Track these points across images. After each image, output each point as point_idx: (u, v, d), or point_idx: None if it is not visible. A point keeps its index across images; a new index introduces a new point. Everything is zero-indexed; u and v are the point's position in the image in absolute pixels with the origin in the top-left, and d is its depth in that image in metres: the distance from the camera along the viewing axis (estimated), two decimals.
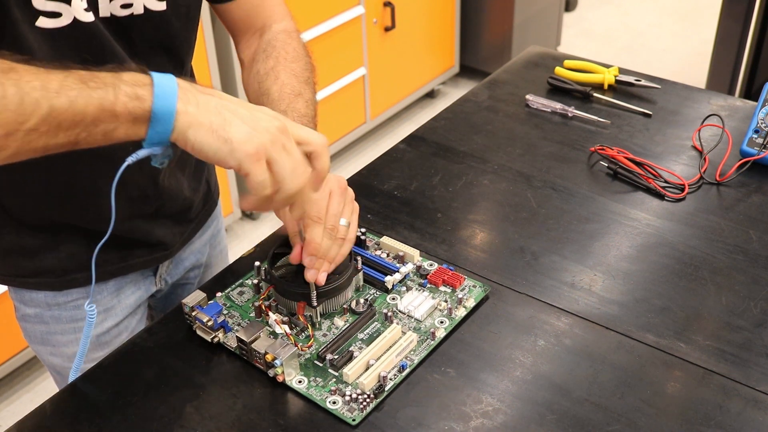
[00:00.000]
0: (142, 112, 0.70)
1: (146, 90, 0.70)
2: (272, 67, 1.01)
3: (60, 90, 0.67)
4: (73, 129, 0.68)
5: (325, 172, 0.79)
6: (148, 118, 0.70)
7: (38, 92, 0.67)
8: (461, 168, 1.19)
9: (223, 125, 0.71)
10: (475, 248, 1.03)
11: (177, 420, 0.81)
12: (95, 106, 0.68)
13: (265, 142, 0.72)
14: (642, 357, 0.86)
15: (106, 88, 0.69)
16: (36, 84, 0.67)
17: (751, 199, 1.09)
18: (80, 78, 0.69)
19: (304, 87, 1.00)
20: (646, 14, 4.04)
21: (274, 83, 0.99)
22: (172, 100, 0.70)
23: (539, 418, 0.79)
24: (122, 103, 0.69)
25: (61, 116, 0.67)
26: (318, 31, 2.55)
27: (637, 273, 0.98)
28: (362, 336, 0.88)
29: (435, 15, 3.09)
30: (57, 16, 0.82)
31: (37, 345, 1.09)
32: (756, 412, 0.79)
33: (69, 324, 1.05)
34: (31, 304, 1.04)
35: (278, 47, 1.03)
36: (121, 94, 0.69)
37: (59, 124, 0.68)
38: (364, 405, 0.80)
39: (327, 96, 2.70)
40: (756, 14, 2.32)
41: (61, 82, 0.68)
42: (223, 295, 0.95)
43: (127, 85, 0.69)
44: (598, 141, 1.22)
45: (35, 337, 1.08)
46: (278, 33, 1.05)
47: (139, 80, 0.70)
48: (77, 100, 0.68)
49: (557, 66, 1.40)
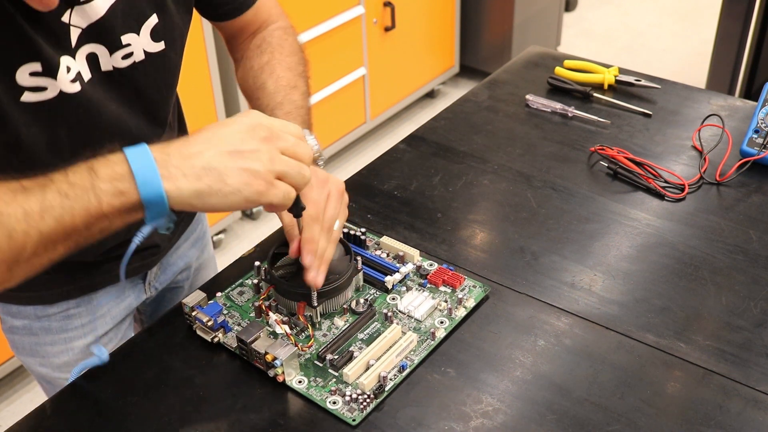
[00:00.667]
0: (131, 204, 0.69)
1: (127, 182, 0.68)
2: (267, 62, 1.01)
3: (43, 212, 0.66)
4: (68, 240, 0.68)
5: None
6: (139, 206, 0.69)
7: (23, 223, 0.66)
8: (461, 168, 1.19)
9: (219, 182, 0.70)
10: (475, 248, 1.03)
11: (177, 420, 0.81)
12: (82, 216, 0.68)
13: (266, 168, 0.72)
14: (642, 357, 0.86)
15: (86, 195, 0.68)
16: (18, 214, 0.66)
17: (751, 199, 1.09)
18: (59, 191, 0.67)
19: (298, 80, 1.01)
20: (646, 14, 4.04)
21: (269, 77, 1.00)
22: (156, 183, 0.69)
23: (539, 418, 0.79)
24: (107, 204, 0.68)
25: (53, 236, 0.67)
26: (318, 31, 2.55)
27: (637, 273, 0.98)
28: (362, 336, 0.88)
29: (435, 15, 3.09)
30: (42, 90, 0.80)
31: (25, 356, 1.07)
32: (756, 412, 0.79)
33: (59, 335, 1.04)
34: (19, 316, 1.03)
35: (273, 43, 1.04)
36: (102, 195, 0.68)
37: (54, 242, 0.68)
38: (364, 405, 0.80)
39: (327, 96, 2.70)
40: (756, 14, 2.32)
41: (41, 203, 0.67)
42: (223, 295, 0.94)
43: (105, 182, 0.68)
44: (598, 141, 1.22)
45: (23, 348, 1.06)
46: (274, 30, 1.06)
47: (116, 172, 0.68)
48: (63, 216, 0.67)
49: (557, 66, 1.40)
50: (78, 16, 0.80)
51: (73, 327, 1.04)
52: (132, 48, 0.87)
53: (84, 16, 0.81)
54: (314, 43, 2.56)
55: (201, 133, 0.74)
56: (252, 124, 0.75)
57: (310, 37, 2.52)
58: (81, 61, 0.83)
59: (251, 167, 0.72)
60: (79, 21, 0.81)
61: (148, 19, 0.87)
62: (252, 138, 0.73)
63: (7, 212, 0.66)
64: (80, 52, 0.82)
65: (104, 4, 0.82)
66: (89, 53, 0.83)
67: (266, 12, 1.06)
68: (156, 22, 0.88)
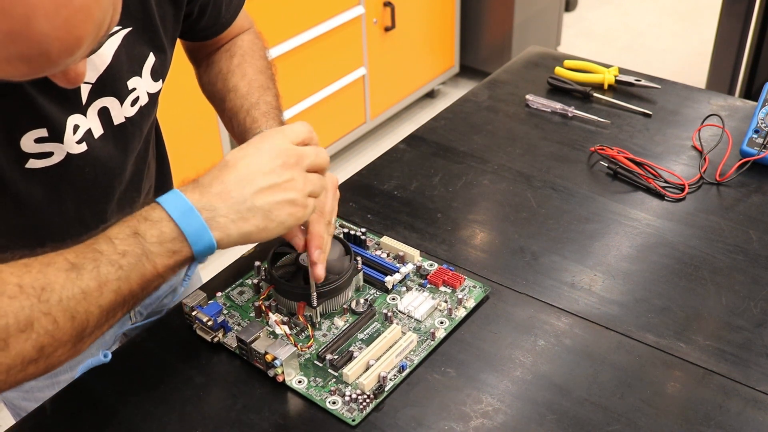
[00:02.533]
0: (184, 260, 0.70)
1: (179, 243, 0.69)
2: (238, 65, 1.01)
3: (101, 288, 0.66)
4: (127, 305, 0.68)
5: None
6: (192, 260, 0.70)
7: (83, 303, 0.65)
8: (461, 168, 1.19)
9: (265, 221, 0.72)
10: (475, 248, 1.03)
11: (177, 420, 0.81)
12: (139, 282, 0.68)
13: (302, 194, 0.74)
14: (642, 357, 0.86)
15: (140, 262, 0.67)
16: (77, 295, 0.65)
17: (751, 199, 1.09)
18: (111, 263, 0.66)
19: (270, 83, 1.01)
20: (646, 14, 4.04)
21: (241, 79, 0.99)
22: (207, 238, 0.70)
23: (539, 418, 0.79)
24: (162, 265, 0.68)
25: (113, 306, 0.67)
26: (318, 31, 2.55)
27: (637, 273, 0.98)
28: (362, 336, 0.88)
29: (435, 15, 3.09)
30: (48, 156, 0.79)
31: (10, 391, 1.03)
32: (756, 412, 0.79)
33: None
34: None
35: (243, 47, 1.04)
36: (156, 258, 0.68)
37: (114, 311, 0.67)
38: (364, 405, 0.80)
39: (327, 96, 2.70)
40: (756, 14, 2.32)
41: (97, 280, 0.66)
42: (223, 295, 0.95)
43: (155, 245, 0.68)
44: (598, 141, 1.22)
45: None
46: (244, 35, 1.06)
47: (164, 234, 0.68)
48: (121, 288, 0.67)
49: (557, 66, 1.40)
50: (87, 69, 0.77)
51: None
52: (138, 92, 0.86)
53: (93, 69, 0.79)
54: (314, 43, 2.56)
55: (232, 169, 0.74)
56: (279, 151, 0.76)
57: (310, 37, 2.52)
58: (93, 118, 0.81)
59: (291, 198, 0.74)
60: (89, 76, 0.79)
61: (147, 58, 0.86)
62: (284, 167, 0.75)
63: (66, 296, 0.64)
64: (91, 108, 0.81)
65: (109, 50, 0.80)
66: (101, 108, 0.82)
67: (239, 27, 1.05)
68: (154, 60, 0.87)
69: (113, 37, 0.81)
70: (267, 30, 2.70)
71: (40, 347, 0.63)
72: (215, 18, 0.99)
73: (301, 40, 2.49)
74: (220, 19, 1.00)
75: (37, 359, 0.64)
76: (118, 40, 0.82)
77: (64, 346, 0.65)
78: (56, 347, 0.64)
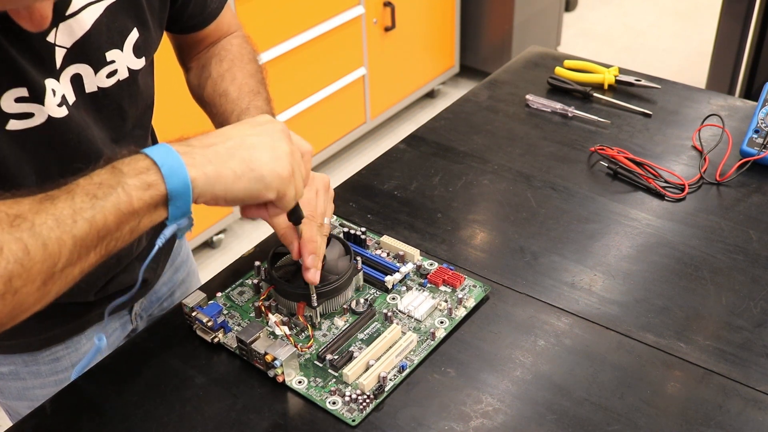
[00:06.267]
0: (159, 198, 0.68)
1: (153, 174, 0.68)
2: (228, 69, 1.01)
3: (74, 216, 0.65)
4: (101, 244, 0.67)
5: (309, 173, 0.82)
6: (166, 200, 0.69)
7: (56, 231, 0.64)
8: (461, 168, 1.19)
9: (246, 166, 0.71)
10: (475, 248, 1.03)
11: (177, 420, 0.81)
12: (114, 215, 0.66)
13: (290, 161, 0.73)
14: (642, 357, 0.86)
15: (115, 192, 0.66)
16: (50, 222, 0.64)
17: (751, 199, 1.09)
18: (87, 193, 0.66)
19: (260, 87, 1.01)
20: (646, 14, 4.04)
21: (231, 83, 0.99)
22: (182, 172, 0.69)
23: (539, 418, 0.79)
24: (137, 199, 0.67)
25: (86, 240, 0.65)
26: (318, 31, 2.55)
27: (637, 273, 0.98)
28: (362, 336, 0.88)
29: (435, 15, 3.09)
30: (29, 117, 0.78)
31: (12, 401, 1.05)
32: (756, 412, 0.79)
33: (49, 377, 1.02)
34: (5, 362, 1.00)
35: (233, 51, 1.04)
36: (131, 189, 0.67)
37: (87, 248, 0.66)
38: (364, 405, 0.80)
39: (327, 96, 2.70)
40: (756, 14, 2.32)
41: (71, 207, 0.65)
42: (223, 295, 0.95)
43: (131, 177, 0.67)
44: (598, 141, 1.22)
45: (10, 393, 1.04)
46: (232, 38, 1.06)
47: (140, 166, 0.68)
48: (95, 217, 0.65)
49: (557, 66, 1.40)
50: (63, 34, 0.78)
51: (63, 368, 1.02)
52: (116, 65, 0.85)
53: (70, 34, 0.79)
54: (314, 43, 2.56)
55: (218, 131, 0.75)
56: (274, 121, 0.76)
57: (310, 37, 2.52)
58: (65, 83, 0.81)
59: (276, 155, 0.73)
60: (64, 40, 0.79)
61: (130, 33, 0.86)
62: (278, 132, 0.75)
63: (38, 222, 0.63)
64: (64, 74, 0.80)
65: (89, 17, 0.80)
66: (73, 74, 0.81)
67: (226, 24, 1.05)
68: (137, 36, 0.87)
69: (95, 6, 0.81)
70: (267, 30, 2.69)
71: (9, 278, 0.61)
72: (202, 6, 0.99)
73: (301, 40, 2.49)
74: (206, 8, 1.00)
75: (4, 294, 0.61)
76: (100, 10, 0.81)
77: (33, 282, 0.63)
78: (25, 281, 0.62)
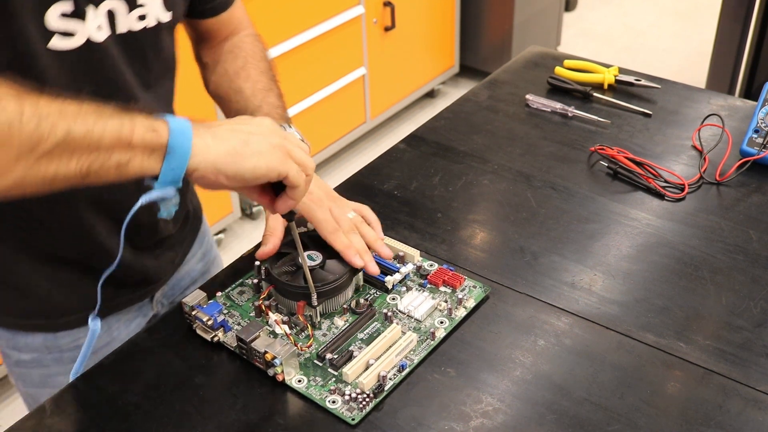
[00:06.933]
0: (158, 144, 0.70)
1: (162, 124, 0.71)
2: (242, 66, 1.05)
3: (78, 116, 0.67)
4: (87, 157, 0.68)
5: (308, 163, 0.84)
6: (164, 150, 0.70)
7: (55, 116, 0.66)
8: (461, 168, 1.19)
9: (244, 144, 0.74)
10: (475, 248, 1.03)
11: (177, 420, 0.81)
12: (112, 135, 0.68)
13: (282, 142, 0.77)
14: (642, 357, 0.86)
15: (122, 119, 0.69)
16: (53, 108, 0.66)
17: (751, 199, 1.09)
18: (97, 109, 0.69)
19: (272, 83, 1.05)
20: (646, 14, 4.05)
21: (245, 81, 1.03)
22: (187, 133, 0.72)
23: (539, 418, 0.79)
24: (139, 134, 0.69)
25: (77, 142, 0.67)
26: (318, 31, 2.55)
27: (637, 273, 0.98)
28: (362, 336, 0.88)
29: (435, 15, 3.09)
30: (70, 36, 0.81)
31: (34, 389, 1.06)
32: (756, 412, 0.79)
33: (70, 365, 1.01)
34: (26, 349, 1.02)
35: (246, 48, 1.07)
36: (137, 126, 0.69)
37: (73, 151, 0.67)
38: (364, 404, 0.80)
39: (327, 96, 2.70)
40: (756, 14, 2.32)
41: (78, 109, 0.68)
42: (223, 295, 0.95)
43: (140, 118, 0.70)
44: (598, 141, 1.22)
45: (32, 381, 1.05)
46: (244, 37, 1.10)
47: (152, 118, 0.71)
48: (94, 127, 0.67)
49: (557, 66, 1.40)
50: None
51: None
52: (147, 10, 0.88)
53: None
54: (314, 43, 2.56)
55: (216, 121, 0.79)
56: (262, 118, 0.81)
57: (310, 37, 2.52)
58: (102, 16, 0.84)
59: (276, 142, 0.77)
60: None
61: None
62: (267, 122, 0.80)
63: (44, 104, 0.66)
64: (102, 5, 0.83)
65: None
66: (109, 9, 0.84)
67: (237, 19, 1.09)
68: None
69: None
70: (267, 30, 2.70)
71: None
72: None
73: (301, 40, 2.49)
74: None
75: None
76: None
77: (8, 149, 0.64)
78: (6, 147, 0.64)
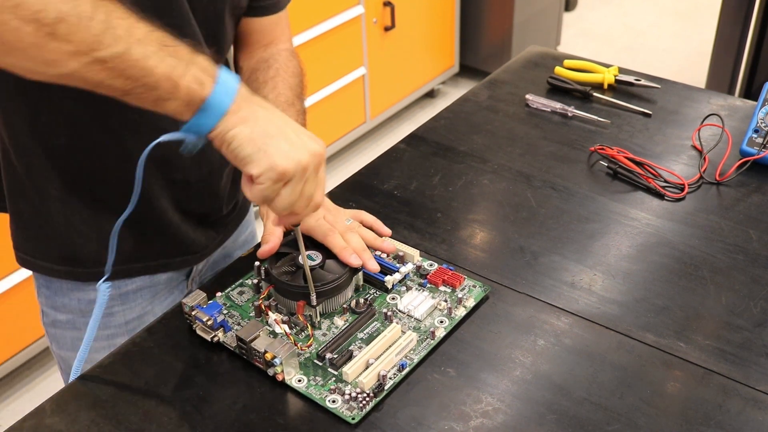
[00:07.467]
0: (198, 98, 0.72)
1: (210, 79, 0.72)
2: (272, 77, 1.07)
3: (142, 41, 0.69)
4: (133, 81, 0.70)
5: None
6: (199, 105, 0.72)
7: (122, 30, 0.68)
8: (461, 168, 1.19)
9: (264, 137, 0.74)
10: (475, 248, 1.03)
11: (177, 420, 0.81)
12: (163, 72, 0.70)
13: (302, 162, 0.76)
14: (642, 357, 0.86)
15: (179, 60, 0.71)
16: (124, 23, 0.69)
17: (751, 199, 1.09)
18: (161, 40, 0.71)
19: (296, 100, 1.06)
20: (646, 14, 4.05)
21: (271, 92, 1.05)
22: (228, 98, 0.73)
23: (539, 418, 0.79)
24: (185, 82, 0.71)
25: (129, 63, 0.69)
26: (318, 30, 2.55)
27: (637, 273, 0.98)
28: (362, 335, 0.88)
29: (435, 15, 3.09)
30: None
31: (66, 351, 1.08)
32: (756, 412, 0.79)
33: (103, 330, 1.05)
34: (63, 310, 1.04)
35: (280, 61, 1.09)
36: (190, 71, 0.71)
37: (124, 70, 0.69)
38: (364, 404, 0.80)
39: (327, 96, 2.70)
40: (756, 14, 2.32)
41: (145, 34, 0.70)
42: (223, 295, 0.95)
43: (197, 67, 0.72)
44: (598, 141, 1.22)
45: (65, 343, 1.07)
46: (282, 50, 1.11)
47: (208, 68, 0.73)
48: (152, 57, 0.70)
49: (557, 66, 1.40)
50: None
51: (116, 325, 1.05)
52: None
53: None
54: (314, 43, 2.56)
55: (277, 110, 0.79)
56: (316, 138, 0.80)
57: (310, 37, 2.52)
58: None
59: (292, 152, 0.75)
60: None
61: None
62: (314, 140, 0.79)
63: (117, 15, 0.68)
64: None
65: None
66: None
67: (281, 28, 1.11)
68: None
69: None
70: None
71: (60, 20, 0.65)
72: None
73: (300, 39, 2.49)
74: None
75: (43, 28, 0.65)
76: None
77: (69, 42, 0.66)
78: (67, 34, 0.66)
